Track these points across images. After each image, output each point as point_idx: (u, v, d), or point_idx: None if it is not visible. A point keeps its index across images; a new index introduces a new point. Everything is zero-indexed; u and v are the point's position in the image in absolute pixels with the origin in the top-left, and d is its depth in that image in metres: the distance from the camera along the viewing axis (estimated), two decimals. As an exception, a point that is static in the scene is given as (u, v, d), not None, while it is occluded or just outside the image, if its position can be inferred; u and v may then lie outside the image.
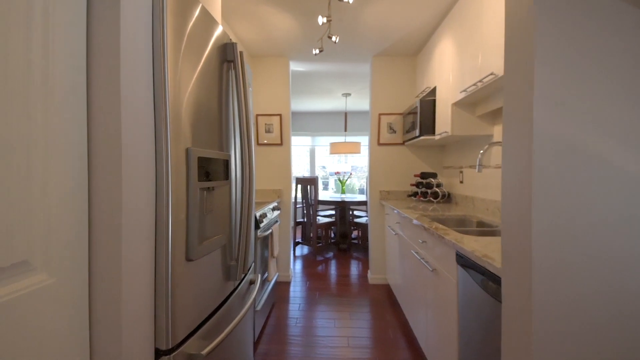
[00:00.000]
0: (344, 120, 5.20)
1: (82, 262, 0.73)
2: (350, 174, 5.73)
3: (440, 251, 1.65)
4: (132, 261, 0.79)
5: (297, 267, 4.00)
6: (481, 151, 1.94)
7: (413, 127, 2.95)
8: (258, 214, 2.25)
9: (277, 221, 2.85)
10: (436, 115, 2.67)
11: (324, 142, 6.79)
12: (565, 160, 0.74)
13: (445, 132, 2.42)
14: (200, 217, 1.01)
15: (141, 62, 0.82)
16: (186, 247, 0.95)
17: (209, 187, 1.06)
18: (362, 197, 5.04)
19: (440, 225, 1.80)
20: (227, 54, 1.25)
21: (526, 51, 0.77)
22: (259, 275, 1.64)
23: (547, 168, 0.74)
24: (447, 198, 3.03)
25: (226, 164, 1.20)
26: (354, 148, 4.94)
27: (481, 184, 2.51)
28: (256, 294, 2.02)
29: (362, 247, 4.71)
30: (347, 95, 5.03)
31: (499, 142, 1.94)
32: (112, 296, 0.75)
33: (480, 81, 1.88)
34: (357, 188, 7.36)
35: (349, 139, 6.52)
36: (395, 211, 2.60)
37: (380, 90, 3.37)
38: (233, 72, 1.28)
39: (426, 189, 3.02)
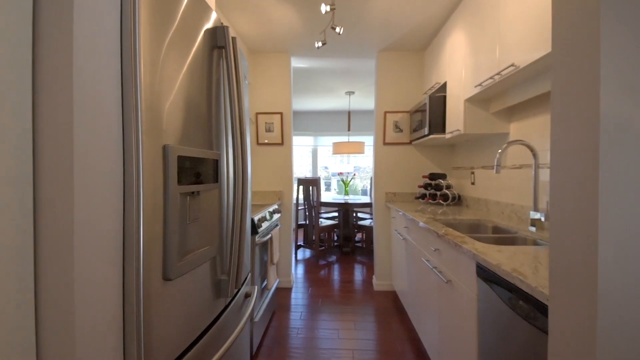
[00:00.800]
0: (347, 120, 5.04)
1: (25, 289, 0.58)
2: (354, 174, 5.58)
3: (457, 261, 1.49)
4: (89, 284, 0.63)
5: (299, 271, 3.84)
6: (499, 150, 1.78)
7: (421, 126, 2.78)
8: (256, 218, 2.09)
9: (277, 225, 2.69)
10: (447, 113, 2.50)
11: (326, 142, 6.63)
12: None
13: (457, 130, 2.26)
14: (181, 227, 0.85)
15: (105, 45, 0.67)
16: (163, 264, 0.79)
17: (193, 192, 0.91)
18: (365, 199, 4.88)
19: (456, 232, 1.63)
20: (217, 39, 1.10)
21: (588, 25, 0.61)
22: (256, 288, 1.49)
23: (617, 165, 0.57)
24: (458, 200, 2.87)
25: (216, 164, 1.04)
26: (358, 148, 4.78)
27: (495, 186, 2.34)
28: (254, 305, 1.86)
29: (366, 250, 4.55)
30: (350, 93, 4.87)
31: (519, 140, 1.77)
32: (63, 329, 0.60)
33: (498, 74, 1.72)
34: (359, 189, 7.20)
35: (352, 138, 6.36)
36: (403, 214, 2.44)
37: (386, 87, 3.21)
38: (224, 60, 1.13)
39: (435, 191, 2.85)
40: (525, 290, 0.95)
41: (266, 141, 3.27)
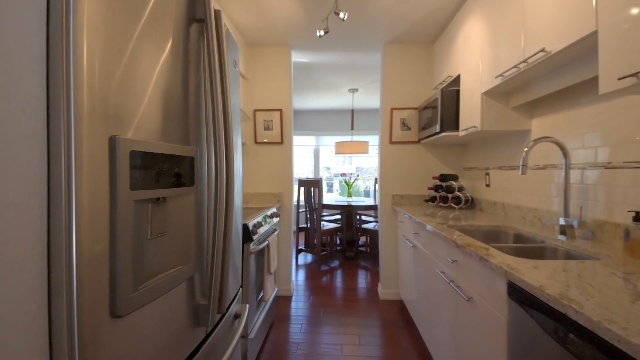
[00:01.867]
0: (351, 118, 4.83)
1: None
2: (358, 175, 5.37)
3: (481, 277, 1.28)
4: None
5: (299, 277, 3.63)
6: (525, 149, 1.57)
7: (430, 123, 2.58)
8: (251, 224, 1.89)
9: (275, 230, 2.49)
10: (460, 108, 2.30)
11: (328, 142, 6.43)
12: None
13: (473, 126, 2.05)
14: (138, 245, 0.65)
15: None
16: (111, 297, 0.59)
17: (159, 198, 0.71)
18: (369, 201, 4.67)
19: (478, 243, 1.42)
20: (196, 10, 0.90)
21: None
22: (247, 307, 1.28)
23: None
24: (471, 204, 2.66)
25: (192, 163, 0.84)
26: (362, 148, 4.57)
27: (514, 188, 2.13)
28: (247, 322, 1.66)
29: (370, 255, 4.34)
30: (354, 91, 4.67)
31: (548, 137, 1.56)
32: None
33: (524, 62, 1.51)
34: (362, 190, 6.99)
35: (356, 138, 6.15)
36: (415, 220, 2.23)
37: (392, 83, 3.00)
38: (204, 36, 0.93)
39: (446, 193, 2.64)
40: (583, 324, 0.74)
41: (265, 140, 3.07)
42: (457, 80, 2.45)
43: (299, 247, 4.31)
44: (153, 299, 0.70)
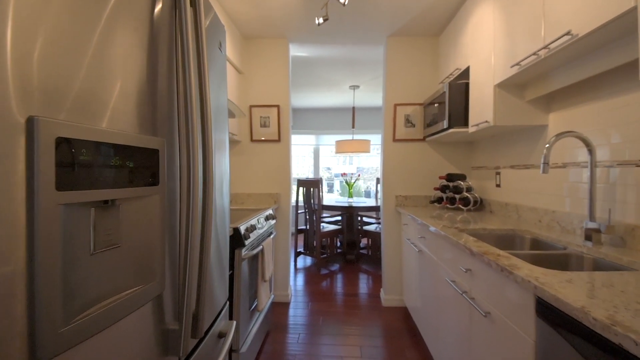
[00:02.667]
0: (352, 116, 4.68)
1: None
2: (359, 175, 5.21)
3: (501, 289, 1.12)
4: None
5: (298, 282, 3.48)
6: (547, 145, 1.41)
7: (436, 119, 2.42)
8: (244, 227, 1.74)
9: (271, 233, 2.34)
10: (470, 102, 2.14)
11: (328, 141, 6.28)
12: None
13: (485, 122, 1.89)
14: (73, 262, 0.50)
15: None
16: (30, 337, 0.43)
17: (107, 201, 0.55)
18: (371, 202, 4.51)
19: (496, 250, 1.26)
20: (165, -27, 0.75)
21: None
22: (234, 323, 1.13)
23: None
24: (480, 205, 2.50)
25: (154, 157, 0.68)
26: (363, 146, 4.41)
27: (529, 189, 1.97)
28: (239, 335, 1.51)
29: (372, 258, 4.18)
30: (355, 87, 4.51)
31: (572, 131, 1.40)
32: None
33: (545, 47, 1.36)
34: (362, 190, 6.84)
35: (357, 137, 5.99)
36: (420, 223, 2.07)
37: (396, 77, 2.84)
38: (176, 6, 0.77)
39: (454, 194, 2.48)
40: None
41: (261, 138, 2.91)
42: (466, 73, 2.29)
43: (298, 250, 4.15)
44: (99, 331, 0.54)
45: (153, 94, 0.69)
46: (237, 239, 1.67)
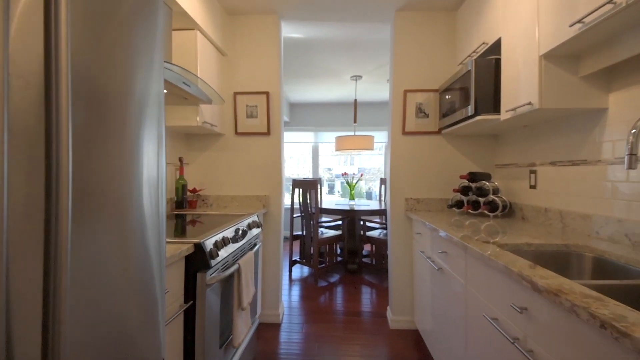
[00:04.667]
0: (354, 110, 4.25)
1: None
2: (361, 175, 4.79)
3: (587, 349, 0.69)
4: None
5: (293, 295, 3.05)
6: (633, 130, 0.98)
7: (454, 107, 1.99)
8: (211, 243, 1.31)
9: (255, 245, 1.91)
10: (502, 82, 1.71)
11: (328, 139, 5.85)
12: None
13: (528, 104, 1.46)
14: None
15: None
16: None
17: None
18: (374, 205, 4.08)
19: (579, 288, 0.83)
20: None
21: None
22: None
23: None
24: (508, 210, 2.07)
25: None
26: (366, 143, 3.98)
27: (578, 191, 1.54)
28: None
29: (376, 268, 3.75)
30: (357, 78, 4.09)
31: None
32: None
33: (635, -13, 0.93)
34: (364, 191, 6.41)
35: (359, 134, 5.56)
36: (442, 234, 1.64)
37: (405, 59, 2.41)
38: None
39: (477, 197, 2.05)
40: None
41: (248, 130, 2.49)
42: (494, 49, 1.87)
43: (293, 259, 3.72)
44: None
45: None
46: (199, 259, 1.24)
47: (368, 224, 4.12)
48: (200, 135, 2.51)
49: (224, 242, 1.41)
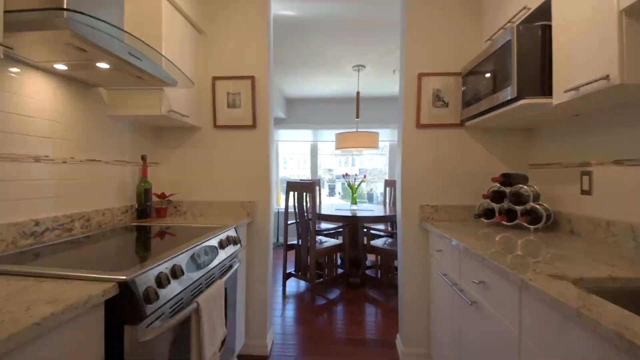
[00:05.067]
0: (356, 104, 3.83)
1: None
2: (364, 176, 4.37)
3: None
4: None
5: (286, 316, 2.63)
6: None
7: (482, 93, 1.58)
8: (154, 275, 0.90)
9: (229, 269, 1.50)
10: (554, 56, 1.29)
11: (328, 137, 5.44)
12: None
13: (604, 77, 1.04)
14: None
15: None
16: None
17: None
18: (379, 210, 3.67)
19: None
20: None
21: None
22: None
23: None
24: (552, 222, 1.64)
25: None
26: (369, 140, 3.57)
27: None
28: None
29: (381, 282, 3.32)
30: (360, 68, 3.68)
31: None
32: None
33: None
34: (365, 192, 6.00)
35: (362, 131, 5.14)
36: (492, 264, 1.22)
37: (419, 37, 2.00)
38: None
39: (514, 205, 1.63)
40: None
41: (229, 123, 2.07)
42: (537, 15, 1.45)
43: (288, 271, 3.30)
44: None
45: None
46: (129, 305, 0.83)
47: (372, 231, 3.69)
48: (171, 129, 2.10)
49: (175, 273, 1.00)
